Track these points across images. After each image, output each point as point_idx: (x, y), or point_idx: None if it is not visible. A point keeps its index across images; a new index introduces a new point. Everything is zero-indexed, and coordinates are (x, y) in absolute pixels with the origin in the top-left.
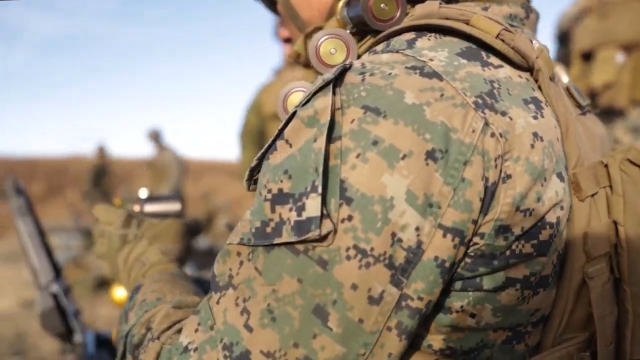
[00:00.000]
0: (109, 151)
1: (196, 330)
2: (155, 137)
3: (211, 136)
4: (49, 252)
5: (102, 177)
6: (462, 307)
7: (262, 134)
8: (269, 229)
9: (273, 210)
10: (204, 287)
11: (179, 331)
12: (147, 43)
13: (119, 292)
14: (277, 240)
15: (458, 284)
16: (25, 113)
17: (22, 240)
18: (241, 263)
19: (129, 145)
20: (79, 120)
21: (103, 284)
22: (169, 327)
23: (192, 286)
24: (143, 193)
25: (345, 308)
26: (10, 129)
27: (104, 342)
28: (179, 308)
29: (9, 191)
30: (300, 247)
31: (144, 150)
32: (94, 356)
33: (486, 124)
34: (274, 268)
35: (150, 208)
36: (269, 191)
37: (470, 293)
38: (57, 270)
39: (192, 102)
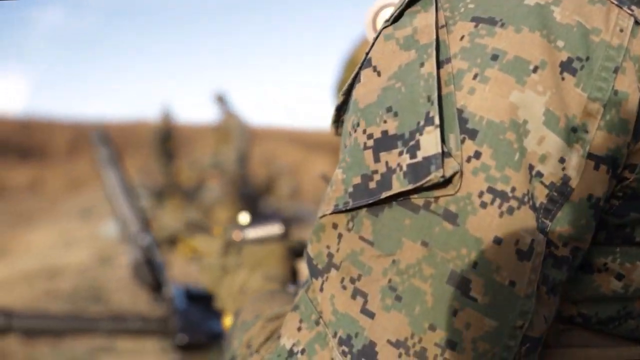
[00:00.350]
0: (174, 116)
1: (299, 329)
2: (221, 100)
3: (272, 102)
4: (135, 203)
5: (166, 141)
6: (605, 265)
7: None
8: (372, 184)
9: (377, 159)
10: None
11: (280, 337)
12: (214, 5)
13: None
14: (385, 194)
15: (602, 235)
16: (92, 78)
17: (109, 190)
18: (340, 236)
19: (194, 110)
20: (145, 85)
21: (174, 242)
22: (267, 339)
23: (293, 298)
24: (244, 219)
25: (490, 270)
26: (78, 94)
27: (194, 297)
28: (276, 319)
29: (95, 141)
30: (419, 200)
31: (209, 115)
32: (185, 311)
33: (637, 22)
34: (388, 233)
35: (252, 234)
36: (370, 136)
37: (618, 248)
38: (143, 223)
39: (254, 67)
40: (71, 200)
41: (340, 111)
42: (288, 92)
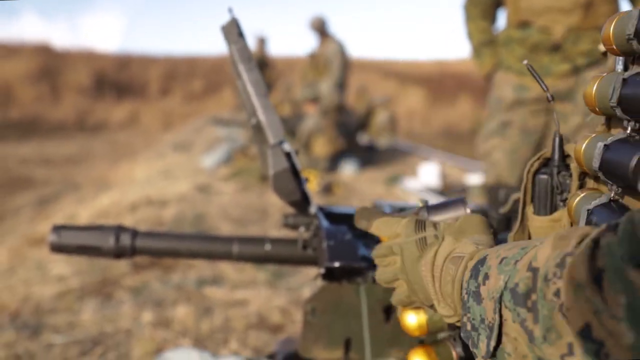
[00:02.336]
0: (268, 44)
1: None
2: (320, 26)
3: (364, 32)
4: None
5: (261, 69)
6: None
7: (494, 3)
8: None
9: None
10: None
11: None
12: None
13: (411, 319)
14: None
15: None
16: (183, 13)
17: (246, 91)
18: None
19: (285, 43)
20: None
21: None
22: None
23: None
24: (424, 200)
25: None
26: (171, 29)
27: (334, 217)
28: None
29: (228, 33)
30: None
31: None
32: (334, 230)
33: None
34: None
35: (438, 217)
36: None
37: None
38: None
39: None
40: (166, 135)
41: None
42: (381, 23)
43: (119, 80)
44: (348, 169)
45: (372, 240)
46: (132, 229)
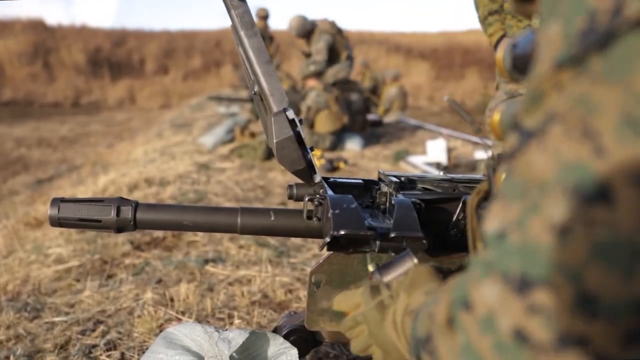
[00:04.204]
0: (269, 20)
1: (503, 211)
2: (301, 30)
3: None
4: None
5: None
6: None
7: None
8: (601, 16)
9: None
10: None
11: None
12: None
13: None
14: (618, 21)
15: None
16: None
17: (248, 58)
18: (561, 89)
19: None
20: None
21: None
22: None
23: None
24: (371, 267)
25: None
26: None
27: (338, 187)
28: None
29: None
30: None
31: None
32: (339, 199)
33: None
34: (619, 64)
35: (388, 277)
36: None
37: None
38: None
39: None
40: (164, 113)
41: None
42: None
43: (114, 57)
44: (353, 146)
45: (379, 212)
46: (133, 201)
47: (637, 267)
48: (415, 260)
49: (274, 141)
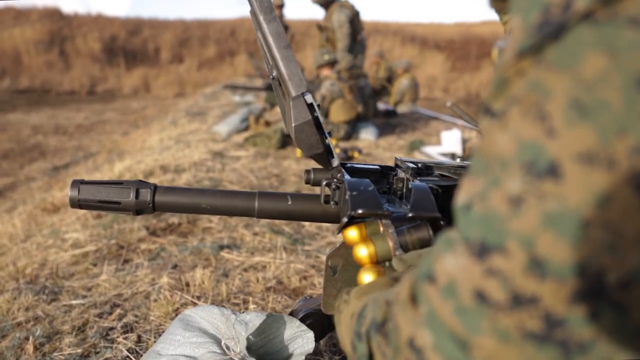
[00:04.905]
0: (285, 9)
1: (470, 185)
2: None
3: None
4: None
5: None
6: None
7: None
8: (554, 10)
9: None
10: None
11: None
12: None
13: (362, 251)
14: (568, 15)
15: None
16: None
17: (267, 43)
18: (522, 76)
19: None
20: None
21: (288, 138)
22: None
23: None
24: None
25: None
26: None
27: (355, 172)
28: None
29: None
30: (602, 14)
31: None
32: (357, 182)
33: None
34: (569, 53)
35: (403, 238)
36: None
37: None
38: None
39: None
40: (179, 102)
41: None
42: None
43: (129, 46)
44: (367, 136)
45: (396, 197)
46: (152, 184)
47: (581, 235)
48: (431, 232)
49: (292, 125)
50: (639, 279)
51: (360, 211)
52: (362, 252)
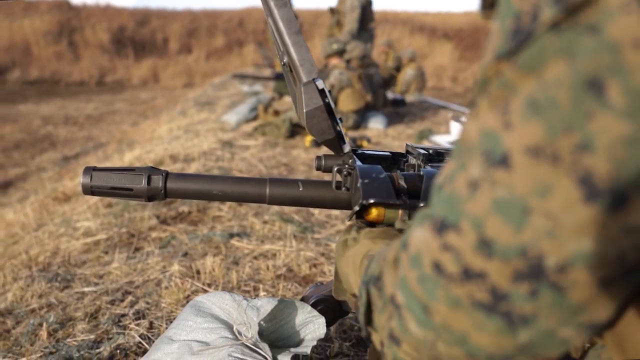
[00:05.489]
0: (293, 1)
1: (446, 168)
2: None
3: None
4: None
5: None
6: None
7: None
8: (524, 18)
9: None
10: None
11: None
12: None
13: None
14: (536, 25)
15: None
16: None
17: (278, 28)
18: (500, 75)
19: None
20: None
21: (297, 127)
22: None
23: None
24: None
25: (628, 74)
26: None
27: (366, 158)
28: None
29: None
30: (565, 24)
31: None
32: (368, 169)
33: None
34: (536, 58)
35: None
36: None
37: None
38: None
39: None
40: (187, 93)
41: None
42: None
43: (138, 36)
44: (376, 125)
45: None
46: (164, 171)
47: (524, 222)
48: (399, 211)
49: (304, 111)
50: (575, 263)
51: (372, 200)
52: (372, 211)
